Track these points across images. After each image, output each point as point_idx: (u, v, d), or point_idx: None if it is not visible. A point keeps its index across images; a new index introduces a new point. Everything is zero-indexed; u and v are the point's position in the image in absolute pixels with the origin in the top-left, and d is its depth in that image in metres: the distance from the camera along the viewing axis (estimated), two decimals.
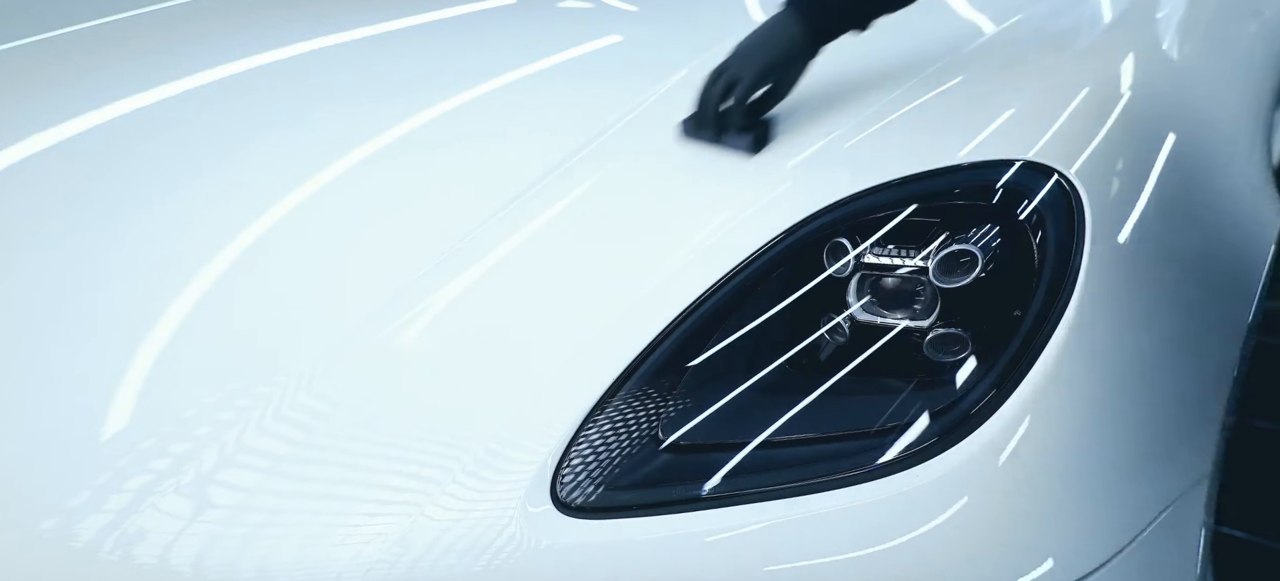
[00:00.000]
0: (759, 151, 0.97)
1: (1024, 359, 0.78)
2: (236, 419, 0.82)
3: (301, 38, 1.41)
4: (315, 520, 0.76)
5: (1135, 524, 0.82)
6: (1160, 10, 1.15)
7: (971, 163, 0.90)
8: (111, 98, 1.26)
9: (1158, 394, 0.85)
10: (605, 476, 0.77)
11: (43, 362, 0.89)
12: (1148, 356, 0.86)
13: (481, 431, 0.80)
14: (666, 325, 0.83)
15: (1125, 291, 0.84)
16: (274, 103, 1.26)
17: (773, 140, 0.98)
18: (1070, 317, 0.79)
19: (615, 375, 0.81)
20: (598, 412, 0.80)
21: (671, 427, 0.79)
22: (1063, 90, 1.01)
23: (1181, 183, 0.96)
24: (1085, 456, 0.79)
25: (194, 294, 0.93)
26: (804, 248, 0.87)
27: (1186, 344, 0.89)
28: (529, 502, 0.76)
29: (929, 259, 0.83)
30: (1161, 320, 0.88)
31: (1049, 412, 0.77)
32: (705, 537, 0.75)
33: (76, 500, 0.78)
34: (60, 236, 1.03)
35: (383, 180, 1.06)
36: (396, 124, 1.13)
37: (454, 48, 1.40)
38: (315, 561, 0.74)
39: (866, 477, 0.75)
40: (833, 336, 0.85)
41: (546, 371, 0.83)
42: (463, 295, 0.92)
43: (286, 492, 0.78)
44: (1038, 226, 0.84)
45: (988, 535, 0.75)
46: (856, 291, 0.85)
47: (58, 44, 1.45)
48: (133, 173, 1.12)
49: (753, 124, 0.98)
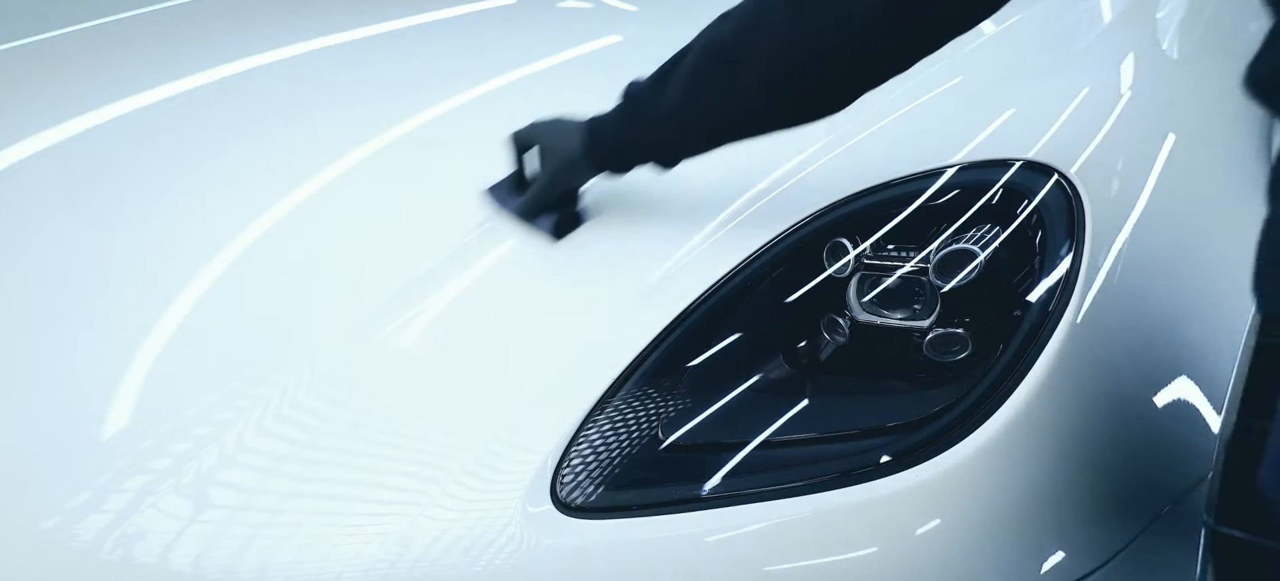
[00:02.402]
0: (561, 238, 0.95)
1: (1024, 359, 0.78)
2: (236, 419, 0.82)
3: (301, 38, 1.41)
4: (315, 520, 0.76)
5: (1135, 524, 0.82)
6: (1160, 10, 1.15)
7: (971, 162, 0.90)
8: (111, 98, 1.26)
9: (1158, 393, 0.85)
10: (605, 476, 0.77)
11: (43, 362, 0.89)
12: (1148, 356, 0.86)
13: (481, 431, 0.80)
14: (666, 325, 0.83)
15: (1125, 291, 0.84)
16: (274, 103, 1.26)
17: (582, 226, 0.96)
18: (1070, 317, 0.79)
19: (615, 375, 0.81)
20: (598, 412, 0.80)
21: (671, 427, 0.79)
22: (1063, 90, 1.01)
23: (1181, 183, 0.96)
24: (1085, 456, 0.79)
25: (194, 294, 0.93)
26: (804, 247, 0.87)
27: (1187, 343, 0.89)
28: (529, 502, 0.76)
29: (929, 259, 0.83)
30: (1161, 320, 0.88)
31: (1049, 413, 0.77)
32: (705, 537, 0.75)
33: (76, 500, 0.78)
34: (60, 236, 1.03)
35: (383, 180, 1.06)
36: (396, 124, 1.13)
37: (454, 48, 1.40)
38: (315, 561, 0.74)
39: (866, 477, 0.75)
40: (833, 336, 0.85)
41: (547, 371, 0.83)
42: (462, 295, 0.92)
43: (286, 492, 0.78)
44: (1038, 226, 0.84)
45: (987, 535, 0.75)
46: (856, 291, 0.85)
47: (58, 44, 1.45)
48: (133, 172, 1.12)
49: (559, 209, 0.95)
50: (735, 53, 0.80)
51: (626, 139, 0.89)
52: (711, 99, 0.82)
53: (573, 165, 0.92)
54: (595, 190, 0.98)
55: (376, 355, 0.87)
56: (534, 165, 0.97)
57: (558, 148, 0.93)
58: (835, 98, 0.80)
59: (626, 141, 0.89)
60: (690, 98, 0.83)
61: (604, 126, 0.90)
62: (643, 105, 0.87)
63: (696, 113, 0.83)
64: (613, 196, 0.98)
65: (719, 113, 0.83)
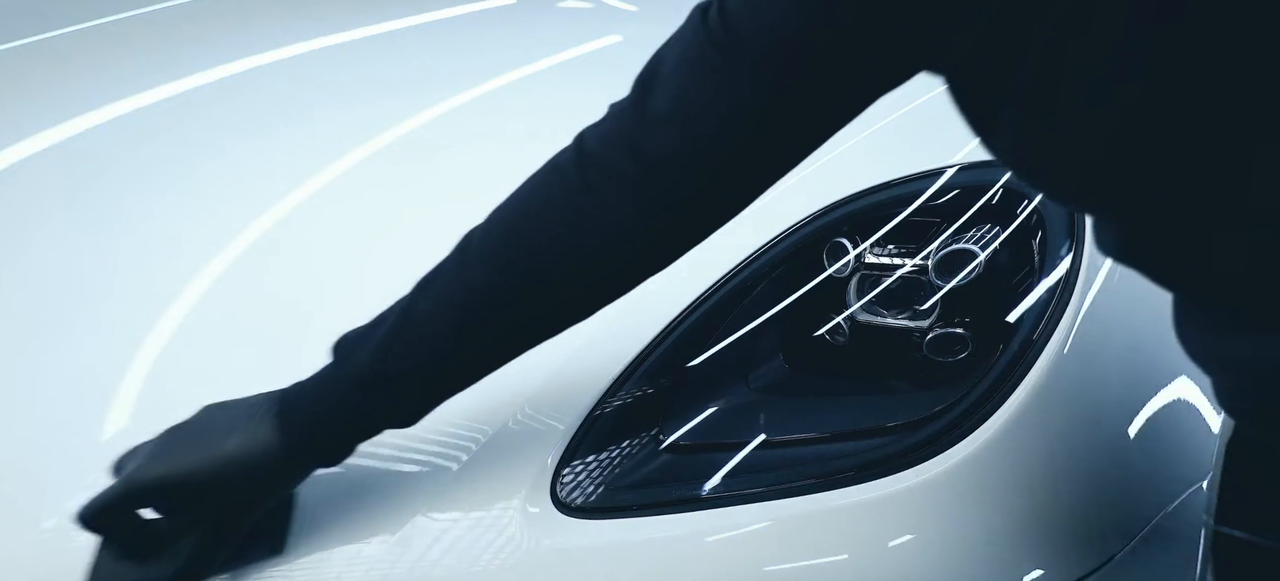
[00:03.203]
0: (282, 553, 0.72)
1: (1024, 359, 0.78)
2: None
3: (301, 38, 1.41)
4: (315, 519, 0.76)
5: (1135, 524, 0.82)
6: None
7: (971, 163, 0.90)
8: (111, 98, 1.26)
9: (1157, 393, 0.85)
10: (605, 476, 0.77)
11: (43, 362, 0.89)
12: (1148, 355, 0.86)
13: (482, 431, 0.79)
14: (666, 325, 0.83)
15: (1125, 291, 0.84)
16: (274, 103, 1.26)
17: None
18: (1069, 317, 0.79)
19: (615, 375, 0.81)
20: (598, 412, 0.80)
21: (671, 427, 0.79)
22: None
23: None
24: (1084, 455, 0.79)
25: (194, 293, 0.93)
26: (804, 248, 0.87)
27: None
28: (529, 502, 0.76)
29: (929, 259, 0.83)
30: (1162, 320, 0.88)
31: (1049, 412, 0.77)
32: (705, 537, 0.75)
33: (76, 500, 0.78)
34: (60, 236, 1.03)
35: (382, 180, 1.06)
36: (396, 124, 1.13)
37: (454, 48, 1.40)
38: (315, 561, 0.74)
39: (866, 477, 0.75)
40: (833, 336, 0.85)
41: (547, 371, 0.83)
42: None
43: None
44: (1038, 226, 0.84)
45: (987, 535, 0.75)
46: (856, 291, 0.85)
47: (58, 44, 1.45)
48: (133, 172, 1.12)
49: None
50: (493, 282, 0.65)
51: (357, 413, 0.67)
52: (473, 342, 0.67)
53: (266, 472, 0.67)
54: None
55: None
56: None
57: (227, 461, 0.66)
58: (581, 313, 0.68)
59: (358, 416, 0.67)
60: (447, 347, 0.66)
61: (313, 405, 0.68)
62: (376, 369, 0.66)
63: (452, 359, 0.67)
64: None
65: (483, 355, 0.68)
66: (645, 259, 0.65)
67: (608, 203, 0.62)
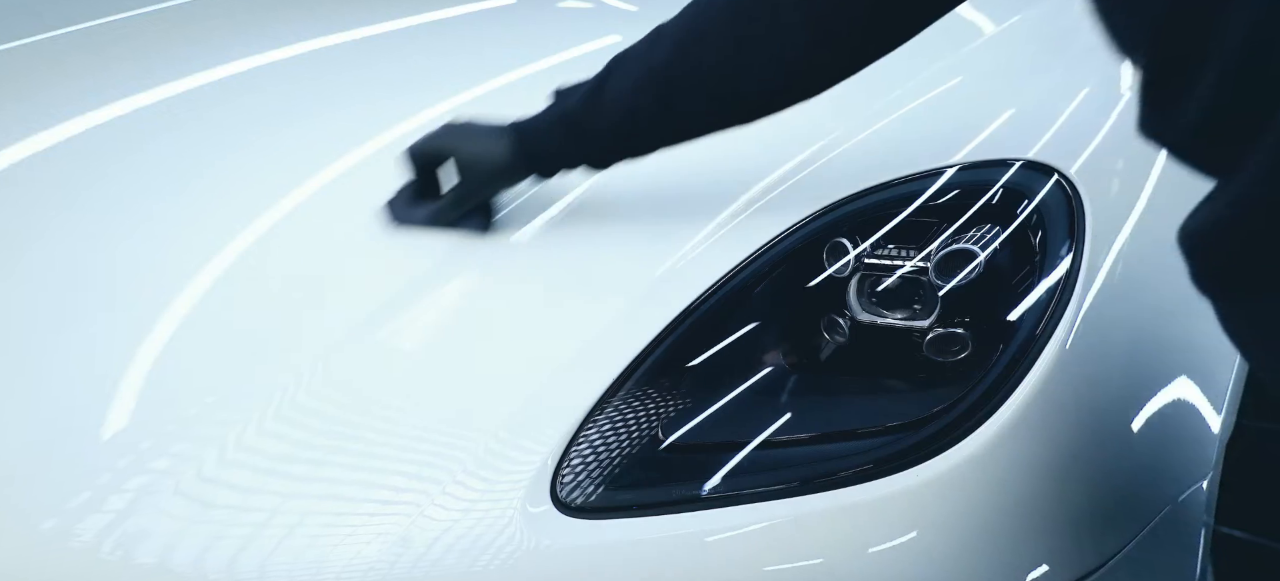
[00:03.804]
0: (488, 230, 0.95)
1: (1024, 359, 0.78)
2: (237, 418, 0.82)
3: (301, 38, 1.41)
4: (315, 520, 0.76)
5: (1135, 524, 0.82)
6: None
7: (971, 162, 0.90)
8: (111, 98, 1.26)
9: (1158, 393, 0.85)
10: (605, 476, 0.77)
11: (43, 362, 0.89)
12: (1148, 356, 0.86)
13: (481, 431, 0.80)
14: (666, 325, 0.83)
15: (1125, 291, 0.84)
16: (274, 103, 1.26)
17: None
18: (1070, 317, 0.79)
19: (615, 375, 0.81)
20: (598, 412, 0.80)
21: (671, 427, 0.79)
22: (1063, 90, 1.01)
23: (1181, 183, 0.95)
24: (1085, 456, 0.79)
25: (194, 293, 0.93)
26: (804, 247, 0.87)
27: (1187, 343, 0.89)
28: (529, 502, 0.76)
29: (929, 259, 0.83)
30: (1161, 320, 0.88)
31: (1049, 412, 0.77)
32: (705, 537, 0.75)
33: (76, 500, 0.78)
34: (60, 236, 1.03)
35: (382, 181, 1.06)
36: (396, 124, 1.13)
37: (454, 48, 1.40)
38: (315, 561, 0.74)
39: (866, 477, 0.75)
40: (833, 336, 0.85)
41: (547, 371, 0.83)
42: (463, 295, 0.92)
43: (286, 492, 0.78)
44: (1038, 226, 0.84)
45: (988, 534, 0.75)
46: (856, 291, 0.85)
47: (58, 44, 1.45)
48: (133, 172, 1.12)
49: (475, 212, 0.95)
50: (672, 72, 0.82)
51: (561, 147, 0.89)
52: (651, 118, 0.84)
53: (500, 171, 0.92)
54: (591, 190, 0.98)
55: (376, 355, 0.87)
56: (437, 177, 0.96)
57: (481, 155, 0.92)
58: (768, 109, 0.84)
59: (561, 149, 0.89)
60: (629, 119, 0.84)
61: (536, 133, 0.89)
62: (577, 118, 0.87)
63: (636, 129, 0.86)
64: (612, 197, 0.98)
65: (658, 130, 0.86)
66: (805, 76, 0.80)
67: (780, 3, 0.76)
